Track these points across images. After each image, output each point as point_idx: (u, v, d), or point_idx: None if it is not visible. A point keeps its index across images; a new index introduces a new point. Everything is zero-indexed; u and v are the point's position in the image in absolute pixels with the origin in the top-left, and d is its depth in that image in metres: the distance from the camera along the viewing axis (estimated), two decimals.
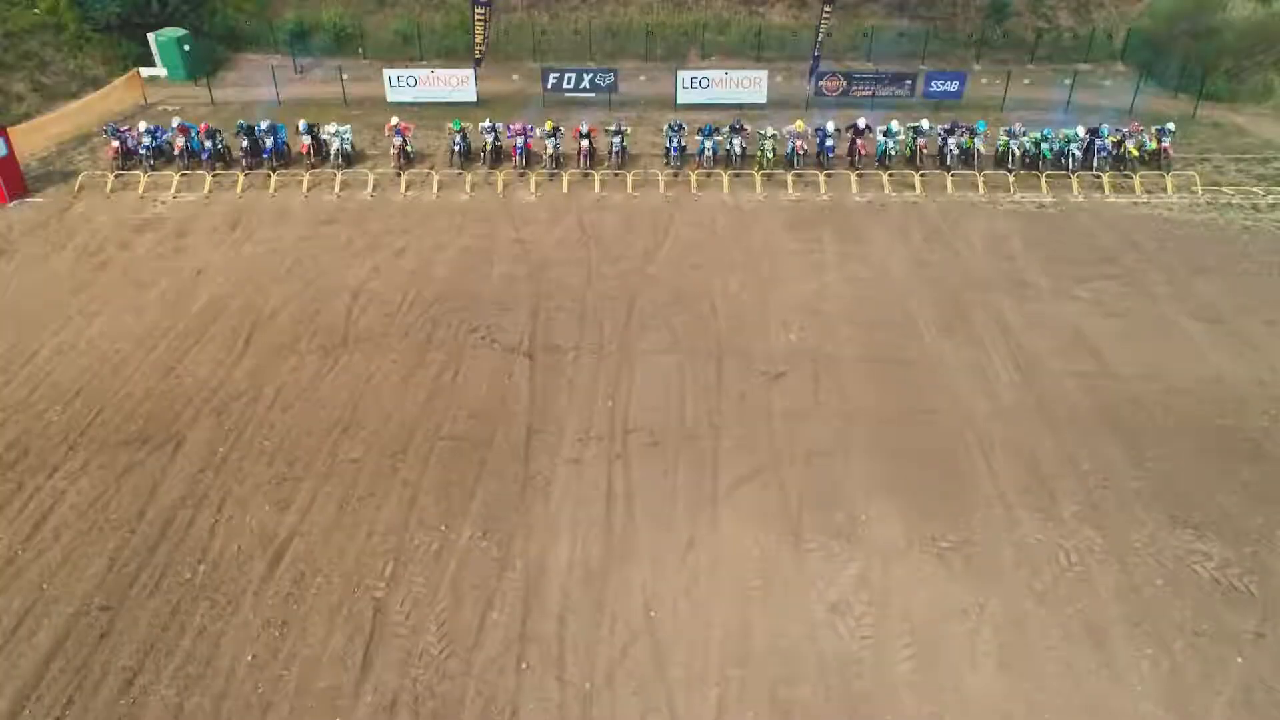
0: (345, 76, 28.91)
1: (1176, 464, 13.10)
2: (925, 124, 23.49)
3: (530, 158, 23.46)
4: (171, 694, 9.60)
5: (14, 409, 14.16)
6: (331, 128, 23.29)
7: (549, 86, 28.50)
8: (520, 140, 23.32)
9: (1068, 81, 28.61)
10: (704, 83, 28.33)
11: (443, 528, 11.86)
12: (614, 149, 23.14)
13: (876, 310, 17.05)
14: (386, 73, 28.30)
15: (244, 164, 22.94)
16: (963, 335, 16.22)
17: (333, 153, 23.12)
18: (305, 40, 32.26)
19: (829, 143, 22.83)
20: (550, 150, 22.94)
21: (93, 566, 11.18)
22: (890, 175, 22.54)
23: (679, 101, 28.20)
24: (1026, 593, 10.94)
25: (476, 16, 28.20)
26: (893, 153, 22.93)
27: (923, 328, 16.47)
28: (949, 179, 22.59)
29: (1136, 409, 14.26)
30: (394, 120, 23.31)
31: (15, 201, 21.31)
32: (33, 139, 24.25)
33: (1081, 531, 11.82)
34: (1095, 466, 13.04)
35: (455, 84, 28.16)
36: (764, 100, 28.28)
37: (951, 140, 23.14)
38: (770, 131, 23.33)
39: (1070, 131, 23.31)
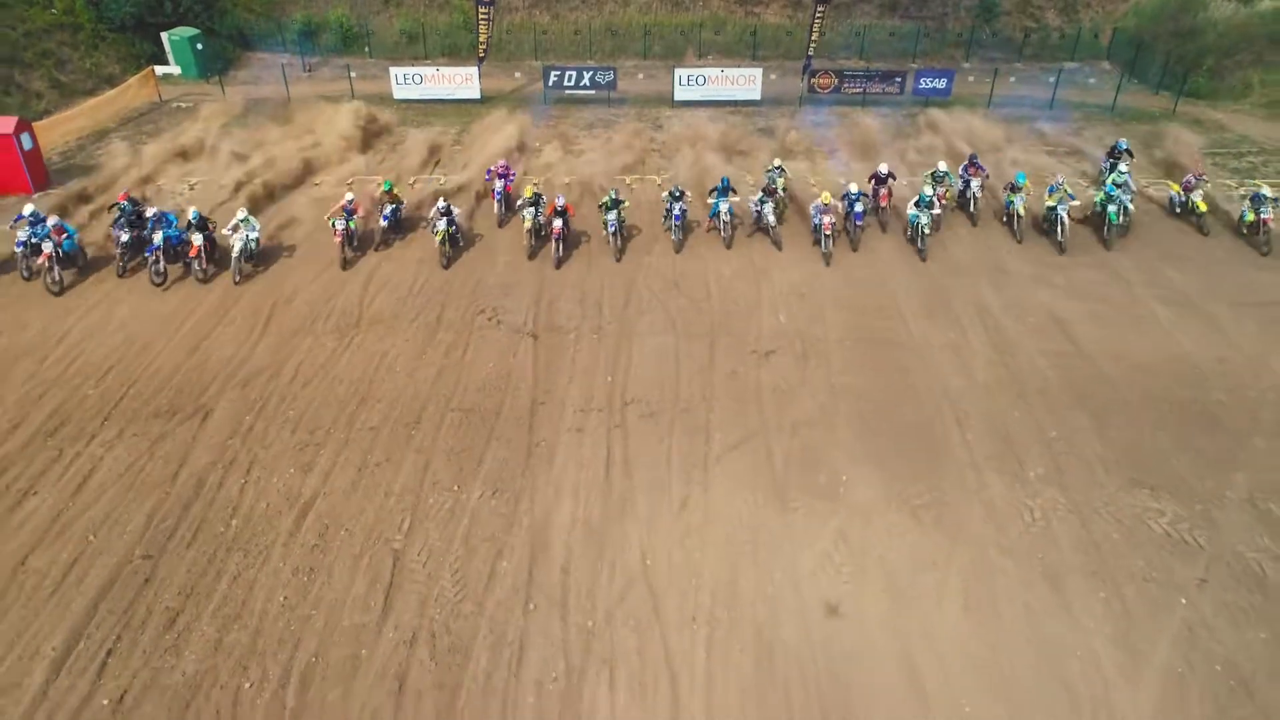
0: (353, 75, 29.88)
1: (1138, 433, 14.04)
2: (942, 167, 21.18)
3: (510, 203, 20.68)
4: (211, 631, 10.56)
5: (51, 384, 15.11)
6: (241, 214, 18.55)
7: (550, 84, 29.46)
8: (499, 184, 20.80)
9: (1052, 79, 29.55)
10: (700, 80, 29.30)
11: (455, 489, 12.81)
12: (610, 228, 19.20)
13: (865, 296, 17.98)
14: (393, 70, 29.26)
15: (120, 262, 18.45)
16: (943, 319, 17.15)
17: (234, 254, 18.23)
18: (313, 39, 33.26)
19: (858, 208, 19.43)
20: (529, 223, 19.14)
21: (133, 522, 12.13)
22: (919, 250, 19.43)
23: (676, 99, 29.17)
24: (992, 545, 11.89)
25: (480, 16, 29.19)
26: (926, 230, 19.34)
27: (907, 313, 17.41)
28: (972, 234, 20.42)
29: (1103, 384, 15.21)
30: (348, 197, 19.24)
31: (40, 193, 22.24)
32: (51, 134, 25.17)
33: (1046, 492, 12.78)
34: (1061, 435, 13.99)
35: (460, 81, 29.12)
36: (759, 97, 29.25)
37: (974, 184, 20.74)
38: (777, 163, 21.46)
39: (1118, 174, 20.49)
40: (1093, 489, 12.86)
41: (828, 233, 18.95)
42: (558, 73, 29.44)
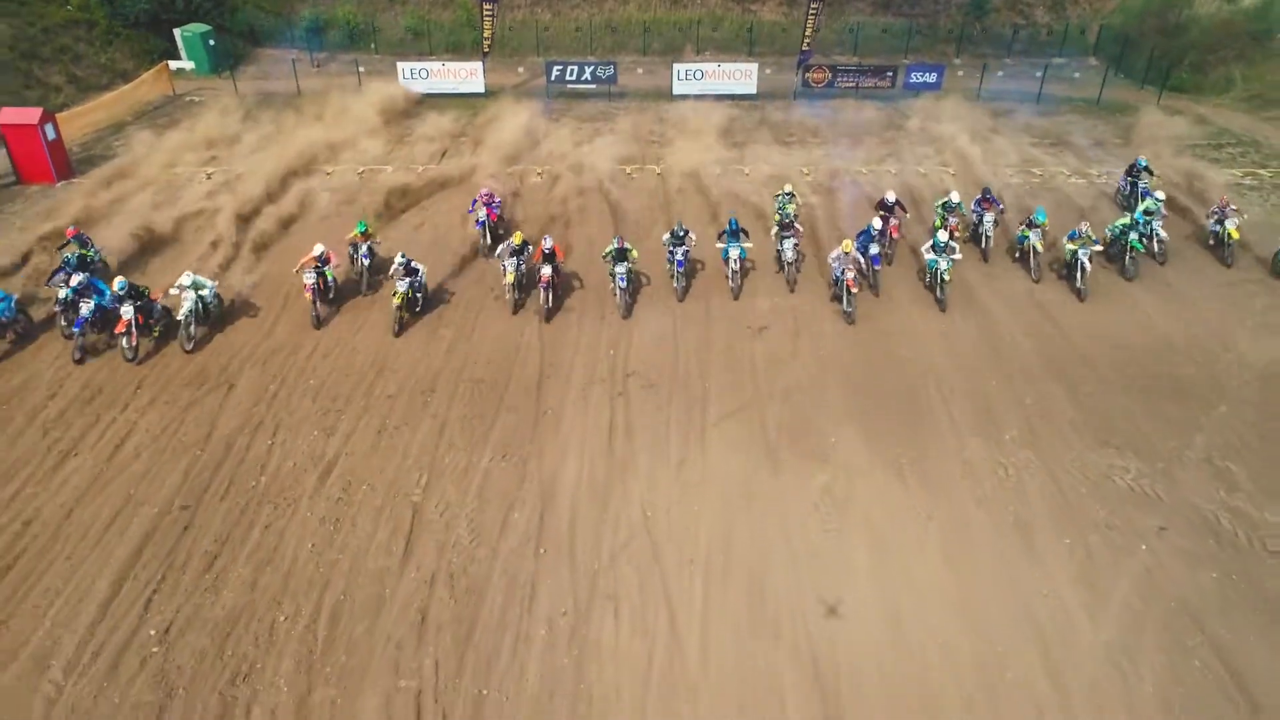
0: (361, 69, 30.78)
1: (1109, 401, 14.96)
2: (954, 197, 19.74)
3: (496, 238, 19.17)
4: (246, 572, 11.46)
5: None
6: (186, 278, 16.09)
7: (552, 78, 30.36)
8: (483, 213, 19.45)
9: (1039, 74, 30.47)
10: (698, 75, 30.21)
11: (468, 450, 13.71)
12: (619, 281, 17.43)
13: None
14: (400, 65, 30.15)
15: (65, 324, 16.09)
16: (929, 301, 18.05)
17: (182, 318, 15.94)
18: (320, 36, 34.15)
19: (873, 250, 17.86)
20: (511, 274, 17.16)
21: (170, 478, 13.03)
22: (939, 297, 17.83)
23: (675, 92, 30.07)
24: (969, 499, 12.81)
25: (485, 12, 30.10)
26: (945, 277, 17.56)
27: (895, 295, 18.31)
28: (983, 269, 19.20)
29: (1080, 359, 16.14)
30: (317, 249, 16.89)
31: (63, 182, 23.12)
32: (70, 127, 25.94)
33: (1019, 452, 13.70)
34: (1036, 402, 14.90)
35: (465, 76, 30.01)
36: (754, 91, 30.17)
37: (987, 219, 19.48)
38: (788, 189, 20.06)
39: (1153, 200, 19.60)
40: (1063, 449, 13.79)
41: (853, 290, 16.95)
42: (560, 67, 30.34)
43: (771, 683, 10.23)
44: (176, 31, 31.94)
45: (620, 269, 17.31)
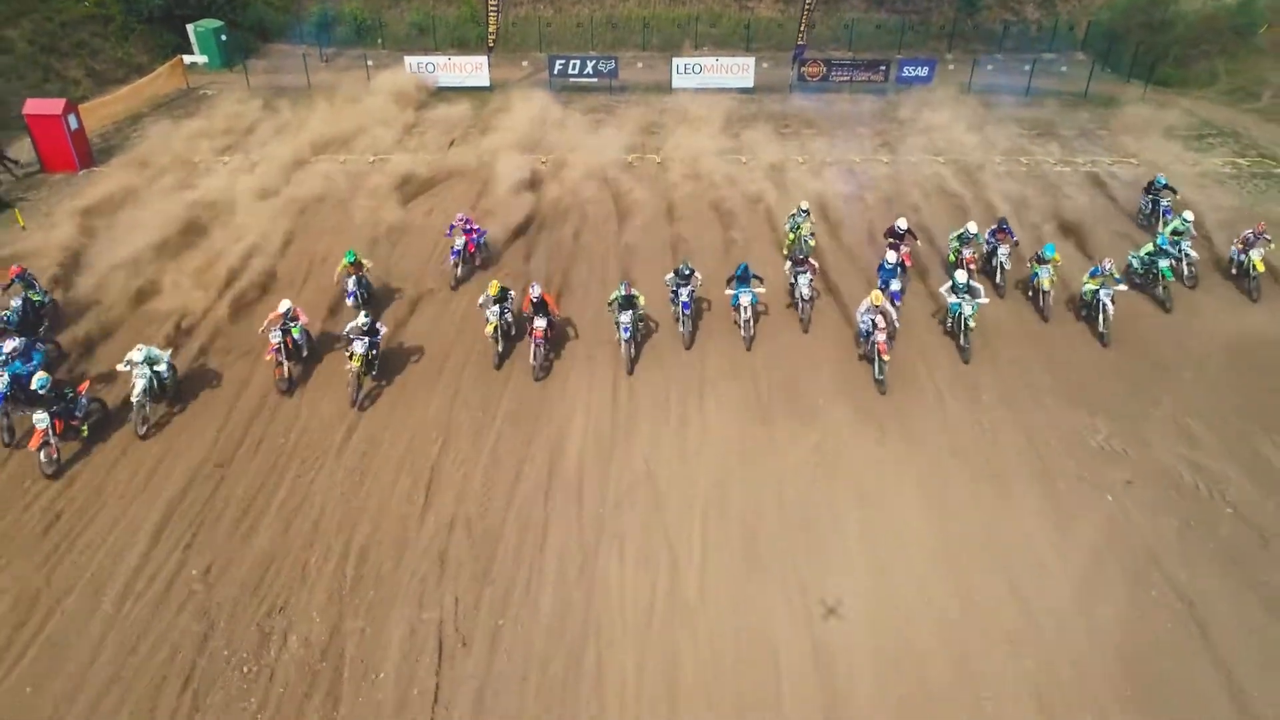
0: (369, 63, 31.72)
1: (1085, 369, 15.89)
2: (971, 227, 18.30)
3: (467, 267, 18.34)
4: (279, 518, 12.41)
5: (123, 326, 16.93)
6: (137, 352, 13.95)
7: (555, 72, 31.28)
8: (460, 240, 18.23)
9: (1027, 68, 31.43)
10: (697, 69, 31.14)
11: (481, 413, 14.64)
12: (624, 333, 15.64)
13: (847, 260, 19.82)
14: (407, 59, 31.04)
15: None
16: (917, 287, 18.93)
17: (136, 396, 13.89)
18: (328, 31, 35.06)
19: (894, 286, 16.80)
20: (493, 323, 15.50)
21: (204, 436, 13.98)
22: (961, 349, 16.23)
23: (674, 86, 31.00)
24: (947, 452, 13.76)
25: (490, 7, 31.00)
26: (970, 323, 15.96)
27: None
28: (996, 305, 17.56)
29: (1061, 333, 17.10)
30: (283, 305, 15.16)
31: (85, 170, 24.04)
32: (90, 118, 26.76)
33: (996, 410, 14.66)
34: (1016, 369, 15.85)
35: (470, 70, 30.92)
36: (751, 85, 31.09)
37: (1002, 250, 18.22)
38: (805, 206, 19.23)
39: (1180, 220, 18.47)
40: (1038, 410, 14.75)
41: (884, 356, 14.98)
42: (562, 62, 31.26)
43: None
44: (189, 27, 32.84)
45: (625, 318, 15.58)
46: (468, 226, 18.57)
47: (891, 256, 17.18)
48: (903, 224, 18.63)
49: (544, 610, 11.17)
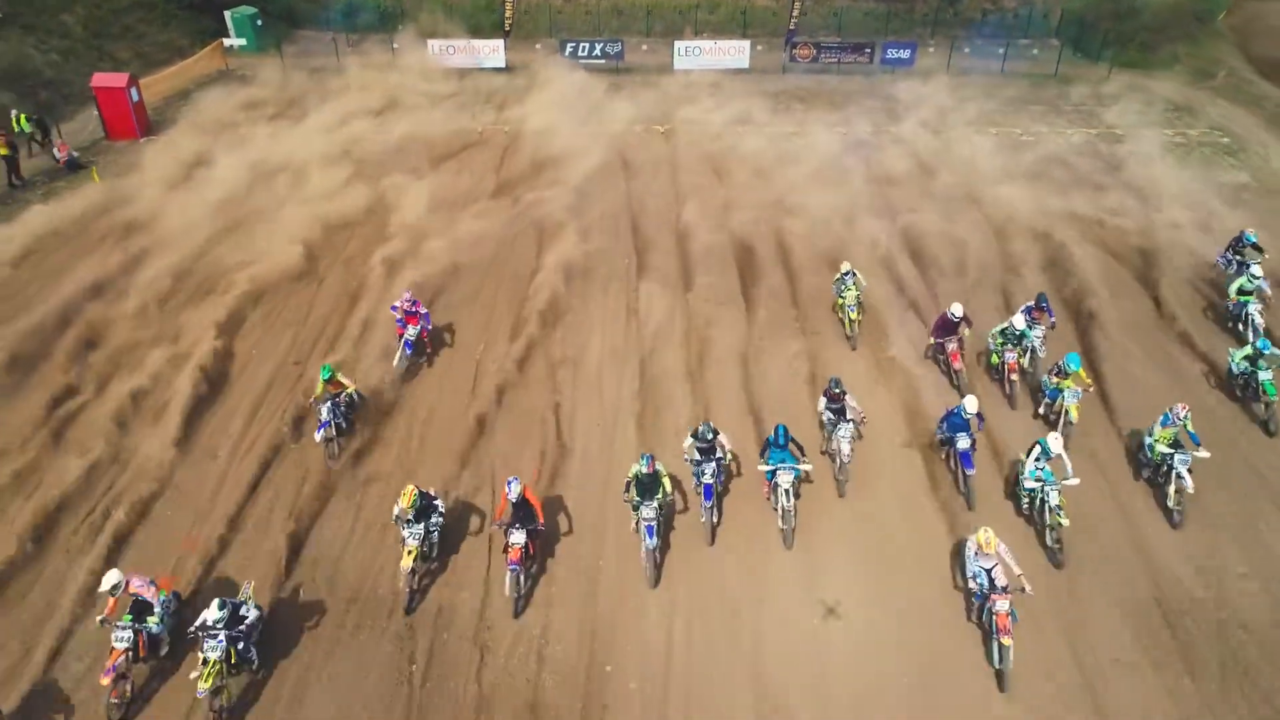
0: (395, 46, 34.38)
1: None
2: (1018, 321, 15.16)
3: (414, 354, 15.96)
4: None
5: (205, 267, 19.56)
6: (110, 579, 10.58)
7: (565, 54, 33.94)
8: (412, 331, 15.65)
9: (1001, 50, 34.09)
10: (696, 52, 33.83)
11: (508, 331, 17.31)
12: (647, 536, 11.99)
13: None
14: (430, 43, 33.72)
15: None
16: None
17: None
18: (353, 18, 37.73)
19: (961, 445, 13.08)
20: (413, 551, 11.58)
21: (281, 343, 16.64)
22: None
23: (676, 67, 33.65)
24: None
25: None
26: (1061, 518, 12.31)
27: None
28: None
29: None
30: (109, 580, 10.57)
31: (145, 138, 26.67)
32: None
33: None
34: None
35: (488, 52, 33.62)
36: (747, 66, 33.76)
37: (1035, 334, 15.41)
38: (846, 267, 17.02)
39: (1247, 279, 16.39)
40: None
41: (1006, 642, 10.80)
42: (573, 44, 33.95)
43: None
44: (226, 13, 35.49)
45: (648, 513, 11.93)
46: (412, 308, 15.75)
47: (971, 405, 13.00)
48: (958, 310, 15.10)
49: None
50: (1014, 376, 15.11)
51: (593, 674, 10.89)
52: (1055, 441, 12.22)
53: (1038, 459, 12.33)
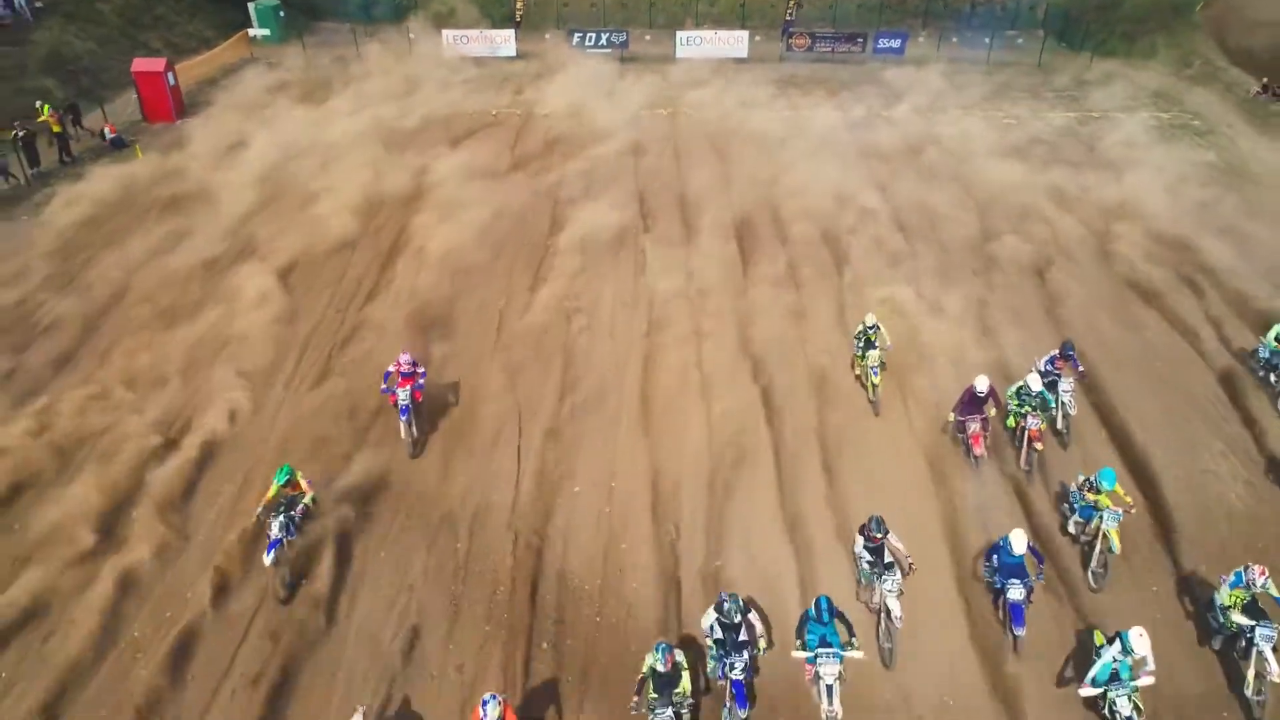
0: (411, 36, 36.15)
1: None
2: (1033, 383, 13.20)
3: (418, 421, 14.41)
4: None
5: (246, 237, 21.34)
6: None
7: (573, 44, 35.73)
8: (405, 394, 13.98)
9: (988, 40, 35.84)
10: (697, 41, 35.60)
11: (529, 286, 19.09)
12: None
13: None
14: (445, 32, 35.53)
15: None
16: None
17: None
18: (369, 10, 39.53)
19: (1013, 595, 10.72)
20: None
21: (319, 301, 18.45)
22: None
23: (678, 56, 35.40)
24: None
25: None
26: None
27: None
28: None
29: None
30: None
31: (181, 120, 28.45)
32: None
33: None
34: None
35: (500, 42, 35.45)
36: (745, 55, 35.52)
37: (1063, 386, 13.84)
38: (872, 320, 15.17)
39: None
40: None
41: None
42: (580, 34, 35.77)
43: None
44: (250, 4, 37.26)
45: (663, 715, 9.61)
46: (409, 370, 14.13)
47: (1019, 543, 10.60)
48: (984, 384, 13.14)
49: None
50: (1038, 446, 13.02)
51: None
52: (1141, 641, 9.30)
53: (1117, 656, 9.26)
